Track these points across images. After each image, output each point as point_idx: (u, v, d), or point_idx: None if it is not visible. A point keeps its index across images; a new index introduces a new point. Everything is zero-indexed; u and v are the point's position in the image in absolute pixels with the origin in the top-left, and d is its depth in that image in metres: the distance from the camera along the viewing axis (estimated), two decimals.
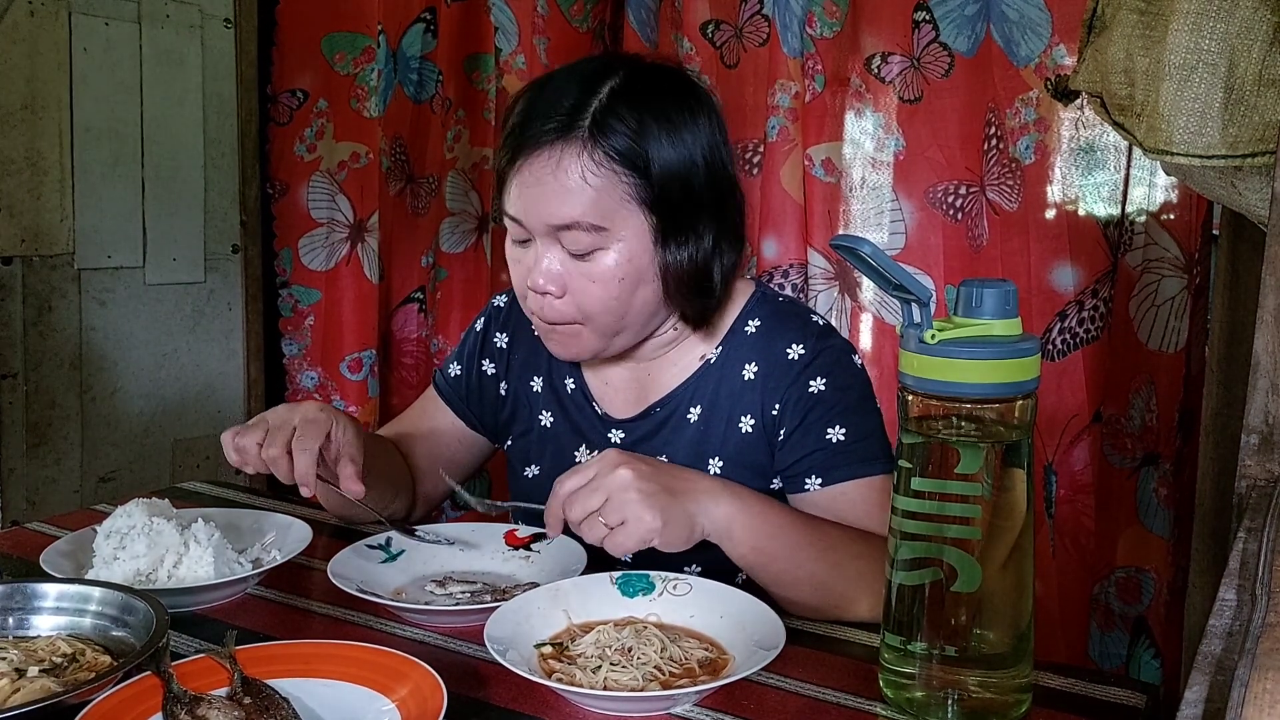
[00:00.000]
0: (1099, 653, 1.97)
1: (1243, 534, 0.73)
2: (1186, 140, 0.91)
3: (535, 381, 1.28)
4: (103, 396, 2.20)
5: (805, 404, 1.11)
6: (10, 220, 2.01)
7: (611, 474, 0.95)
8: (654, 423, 1.19)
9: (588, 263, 1.06)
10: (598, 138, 1.04)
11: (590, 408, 1.23)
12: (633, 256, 1.06)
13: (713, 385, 1.17)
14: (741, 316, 1.18)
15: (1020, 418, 0.80)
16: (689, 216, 1.08)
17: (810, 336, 1.15)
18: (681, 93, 1.10)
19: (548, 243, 1.07)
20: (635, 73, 1.09)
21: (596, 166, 1.03)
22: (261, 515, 1.23)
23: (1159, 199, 1.87)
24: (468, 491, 1.15)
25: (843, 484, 1.09)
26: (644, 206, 1.06)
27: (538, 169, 1.05)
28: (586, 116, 1.04)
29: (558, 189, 1.04)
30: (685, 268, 1.09)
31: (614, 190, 1.04)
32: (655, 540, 0.95)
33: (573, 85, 1.07)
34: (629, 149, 1.04)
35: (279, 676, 0.83)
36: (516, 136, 1.07)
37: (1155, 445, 1.92)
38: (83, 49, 2.09)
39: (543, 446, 1.26)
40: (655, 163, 1.05)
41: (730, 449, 1.15)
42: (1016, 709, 0.83)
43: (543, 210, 1.05)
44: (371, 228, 2.42)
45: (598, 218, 1.04)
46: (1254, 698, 0.46)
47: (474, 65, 2.58)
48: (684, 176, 1.07)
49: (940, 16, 1.94)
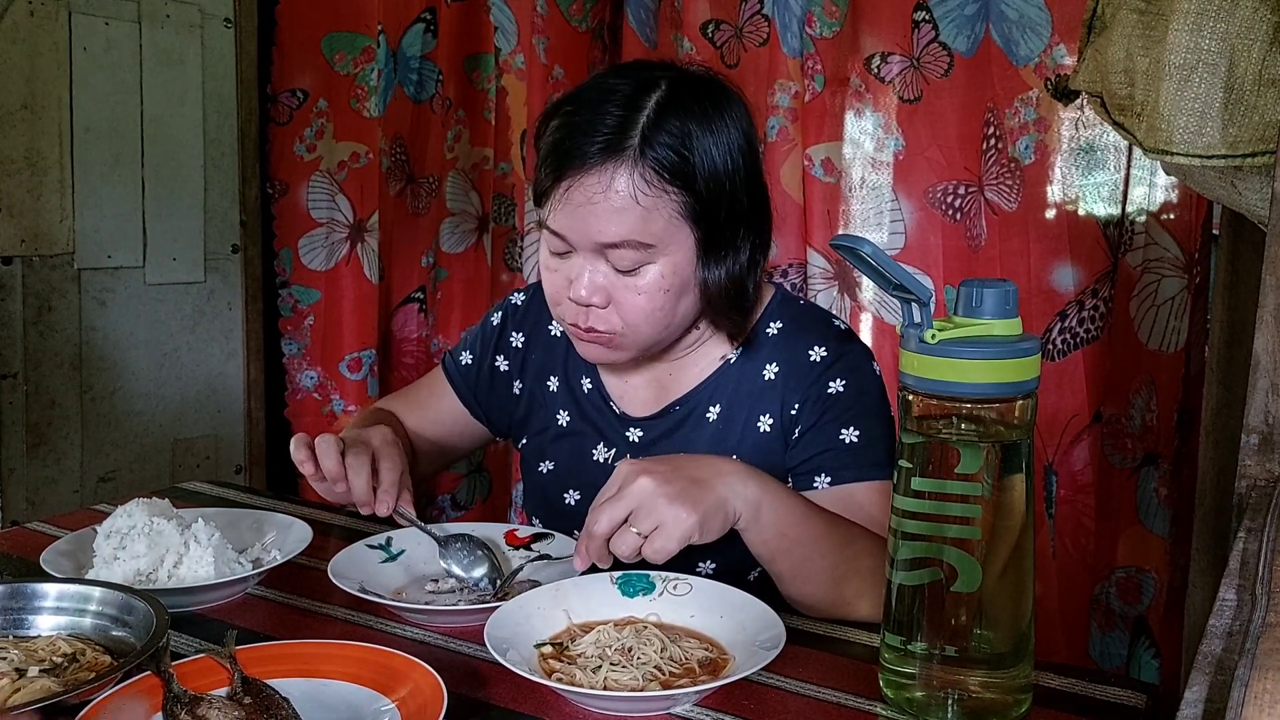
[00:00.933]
0: (1099, 653, 1.97)
1: (1243, 534, 0.73)
2: (1186, 140, 0.91)
3: (552, 381, 1.28)
4: (103, 396, 2.20)
5: (823, 404, 1.12)
6: (10, 220, 2.01)
7: (634, 483, 0.94)
8: (673, 421, 1.19)
9: (633, 277, 1.06)
10: (648, 154, 1.02)
11: (608, 407, 1.23)
12: (678, 269, 1.06)
13: (732, 385, 1.17)
14: (763, 318, 1.19)
15: (1020, 418, 0.80)
16: (731, 228, 1.08)
17: (832, 339, 1.16)
18: (722, 102, 1.09)
19: (593, 258, 1.06)
20: (676, 84, 1.07)
21: (648, 186, 1.02)
22: (261, 515, 1.23)
23: (1159, 199, 1.87)
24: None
25: (850, 485, 1.10)
26: (690, 221, 1.05)
27: (588, 188, 1.03)
28: (635, 134, 1.03)
29: (608, 209, 1.03)
30: (724, 281, 1.09)
31: (664, 208, 1.04)
32: (695, 535, 0.93)
33: (614, 100, 1.05)
34: (677, 165, 1.03)
35: (279, 676, 0.83)
36: (561, 154, 1.05)
37: (1155, 445, 1.92)
38: (83, 49, 2.08)
39: (559, 444, 1.27)
40: (702, 176, 1.04)
41: (747, 448, 1.15)
42: (1016, 709, 0.83)
43: (591, 229, 1.04)
44: (371, 228, 2.42)
45: (646, 236, 1.04)
46: (1254, 698, 0.46)
47: (474, 65, 2.58)
48: (727, 187, 1.06)
49: (940, 16, 1.94)
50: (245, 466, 2.46)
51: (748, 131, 1.10)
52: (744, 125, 1.09)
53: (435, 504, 2.66)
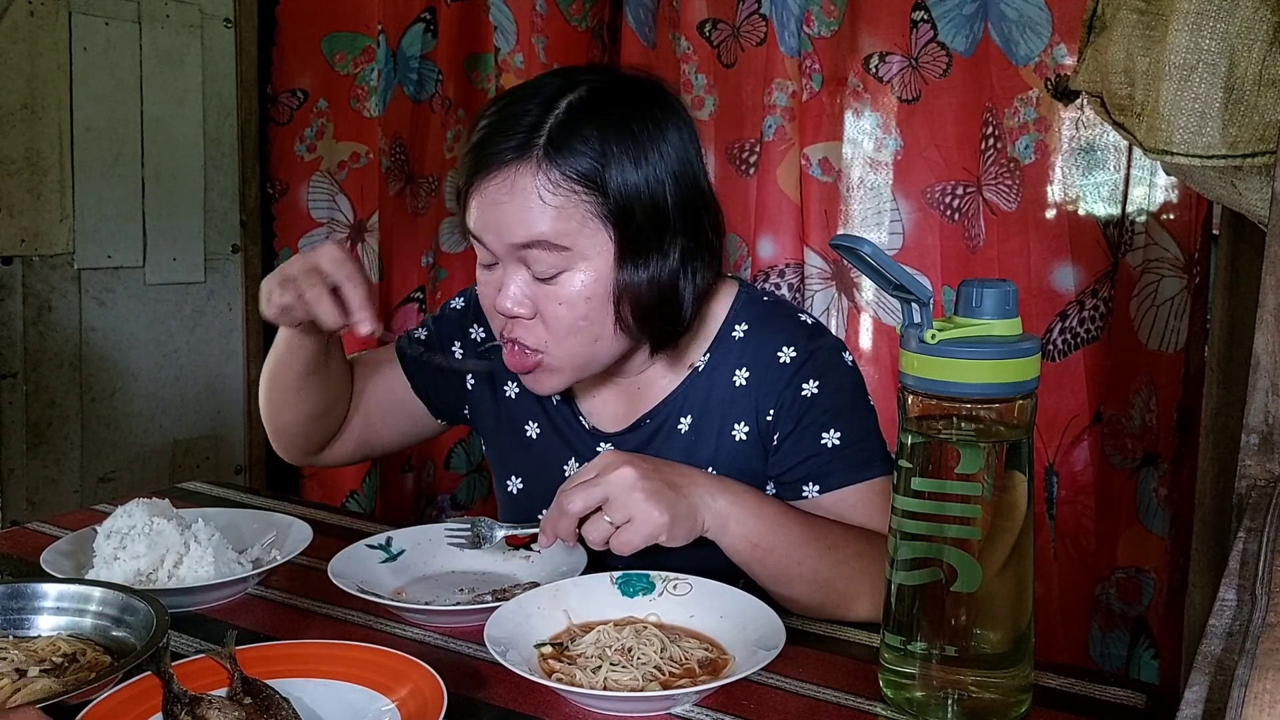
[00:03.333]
0: (1099, 653, 1.97)
1: (1243, 534, 0.73)
2: (1186, 140, 0.91)
3: (509, 387, 1.24)
4: (103, 396, 2.20)
5: (799, 408, 1.10)
6: (10, 220, 2.01)
7: (614, 472, 0.95)
8: (644, 435, 1.16)
9: (554, 285, 1.03)
10: (554, 156, 1.00)
11: (578, 422, 1.20)
12: (599, 276, 1.03)
13: (702, 393, 1.14)
14: (728, 321, 1.15)
15: (1020, 418, 0.80)
16: (654, 235, 1.04)
17: (801, 338, 1.12)
18: (648, 105, 1.05)
19: (513, 265, 1.04)
20: (599, 87, 1.05)
21: (554, 186, 1.00)
22: (261, 515, 1.23)
23: (1159, 199, 1.87)
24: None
25: (841, 490, 1.08)
26: (607, 224, 1.02)
27: (494, 189, 1.02)
28: (542, 134, 1.01)
29: (514, 209, 1.01)
30: (645, 289, 1.05)
31: (574, 210, 1.01)
32: (663, 536, 0.95)
33: (533, 102, 1.03)
34: (587, 167, 1.00)
35: (279, 676, 0.83)
36: (475, 155, 1.04)
37: (1155, 445, 1.92)
38: (83, 49, 2.08)
39: (528, 458, 1.24)
40: (615, 180, 1.01)
41: (723, 457, 1.13)
42: (1016, 709, 0.83)
43: (502, 230, 1.02)
44: (371, 228, 2.42)
45: (558, 238, 1.01)
46: (1254, 698, 0.46)
47: (474, 65, 2.58)
48: (649, 194, 1.03)
49: (938, 16, 1.94)
50: (245, 467, 2.46)
51: (682, 138, 1.06)
52: (678, 131, 1.06)
53: (435, 504, 2.66)
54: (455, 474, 2.65)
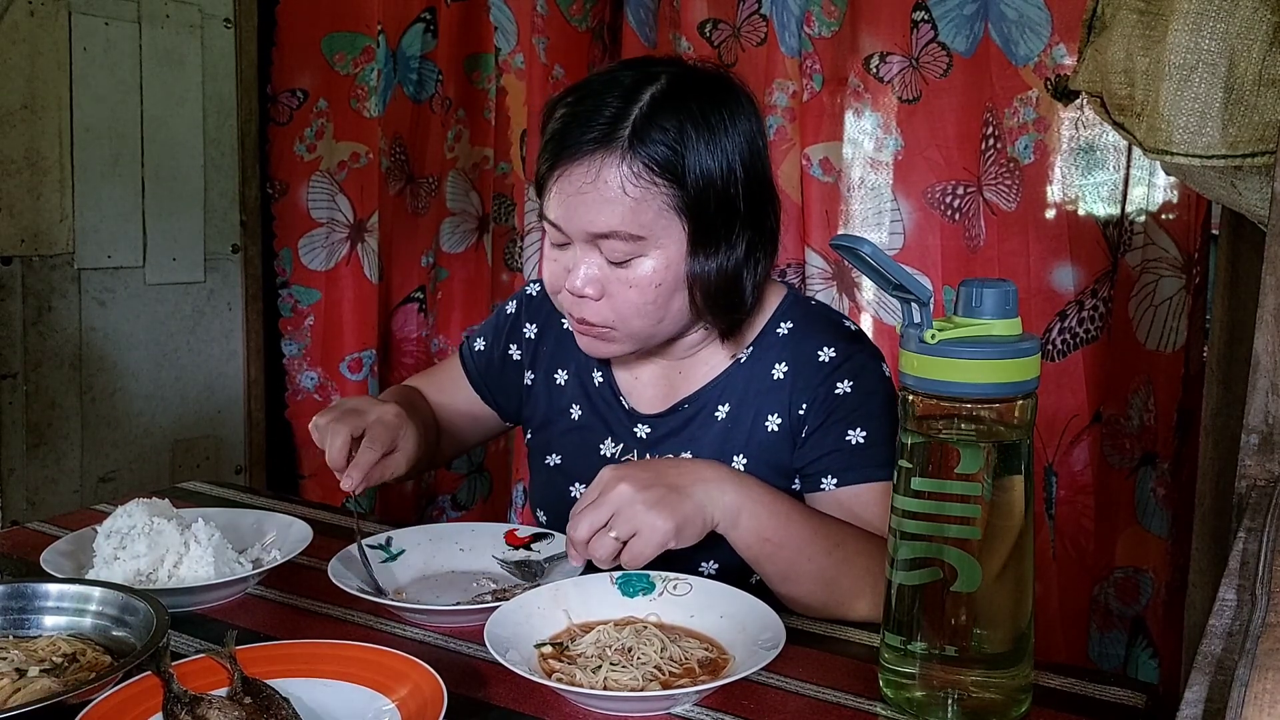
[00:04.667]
0: (1099, 653, 1.97)
1: (1243, 534, 0.73)
2: (1186, 140, 0.91)
3: (560, 375, 1.28)
4: (103, 396, 2.20)
5: (830, 404, 1.12)
6: (10, 220, 2.01)
7: (613, 490, 0.96)
8: (681, 419, 1.19)
9: (625, 269, 1.06)
10: (637, 148, 1.03)
11: (618, 402, 1.23)
12: (670, 264, 1.07)
13: (742, 384, 1.17)
14: (774, 318, 1.19)
15: (1020, 418, 0.80)
16: (724, 225, 1.08)
17: (842, 340, 1.16)
18: (723, 98, 1.09)
19: (587, 249, 1.07)
20: (676, 79, 1.08)
21: (636, 178, 1.03)
22: (261, 515, 1.23)
23: (1159, 199, 1.87)
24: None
25: (856, 486, 1.10)
26: (681, 215, 1.05)
27: (577, 178, 1.04)
28: (626, 126, 1.03)
29: (597, 199, 1.04)
30: (714, 278, 1.08)
31: (653, 201, 1.04)
32: (671, 543, 0.95)
33: (614, 92, 1.06)
34: (668, 159, 1.03)
35: (279, 676, 0.83)
36: (557, 143, 1.06)
37: (1154, 445, 1.92)
38: (83, 49, 2.08)
39: (568, 437, 1.27)
40: (694, 172, 1.04)
41: (755, 447, 1.15)
42: (1016, 709, 0.83)
43: (582, 219, 1.05)
44: (371, 228, 2.42)
45: (636, 228, 1.04)
46: (1254, 698, 0.46)
47: (474, 65, 2.58)
48: (722, 185, 1.06)
49: (939, 16, 1.94)
50: (245, 467, 2.46)
51: (752, 130, 1.10)
52: (748, 123, 1.09)
53: (436, 504, 2.66)
54: (456, 474, 2.65)
